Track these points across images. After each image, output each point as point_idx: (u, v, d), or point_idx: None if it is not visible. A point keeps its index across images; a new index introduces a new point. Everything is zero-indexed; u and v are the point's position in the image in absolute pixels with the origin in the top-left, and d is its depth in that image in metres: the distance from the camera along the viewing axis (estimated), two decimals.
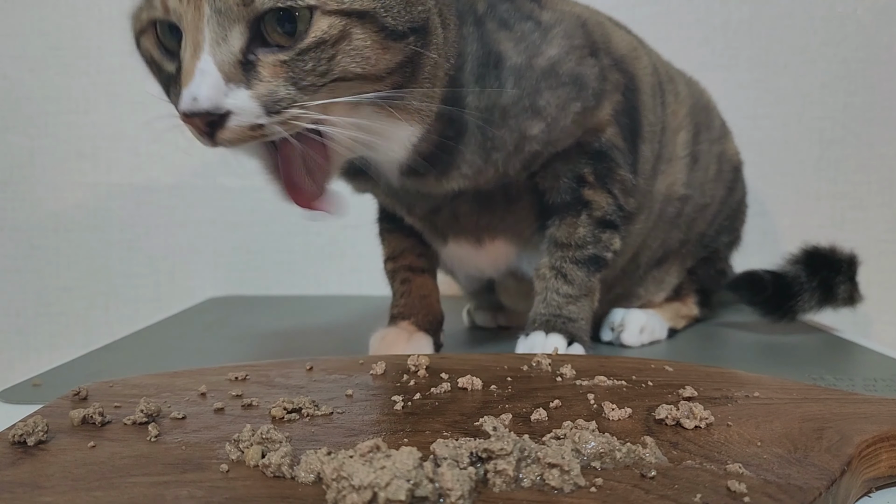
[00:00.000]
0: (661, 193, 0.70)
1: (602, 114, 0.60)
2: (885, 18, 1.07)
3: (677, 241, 0.77)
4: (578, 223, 0.61)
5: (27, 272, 1.13)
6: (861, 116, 1.08)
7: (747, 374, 0.50)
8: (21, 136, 1.11)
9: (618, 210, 0.62)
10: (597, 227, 0.61)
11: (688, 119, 0.72)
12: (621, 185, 0.62)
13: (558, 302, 0.61)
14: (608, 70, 0.60)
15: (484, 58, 0.54)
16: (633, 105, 0.63)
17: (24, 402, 0.53)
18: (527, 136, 0.56)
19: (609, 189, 0.62)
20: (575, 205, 0.61)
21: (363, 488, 0.28)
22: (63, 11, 1.09)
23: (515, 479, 0.31)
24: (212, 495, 0.31)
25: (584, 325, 0.62)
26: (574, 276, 0.61)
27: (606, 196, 0.61)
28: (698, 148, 0.74)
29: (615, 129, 0.61)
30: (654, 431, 0.38)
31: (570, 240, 0.61)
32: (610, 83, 0.60)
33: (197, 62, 0.41)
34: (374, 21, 0.44)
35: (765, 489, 0.30)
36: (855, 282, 0.79)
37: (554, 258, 0.61)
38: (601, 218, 0.61)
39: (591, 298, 0.63)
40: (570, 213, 0.61)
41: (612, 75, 0.61)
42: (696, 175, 0.74)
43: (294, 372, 0.52)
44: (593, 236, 0.61)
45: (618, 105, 0.61)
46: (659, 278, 0.78)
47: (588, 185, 0.61)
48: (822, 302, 0.77)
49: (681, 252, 0.78)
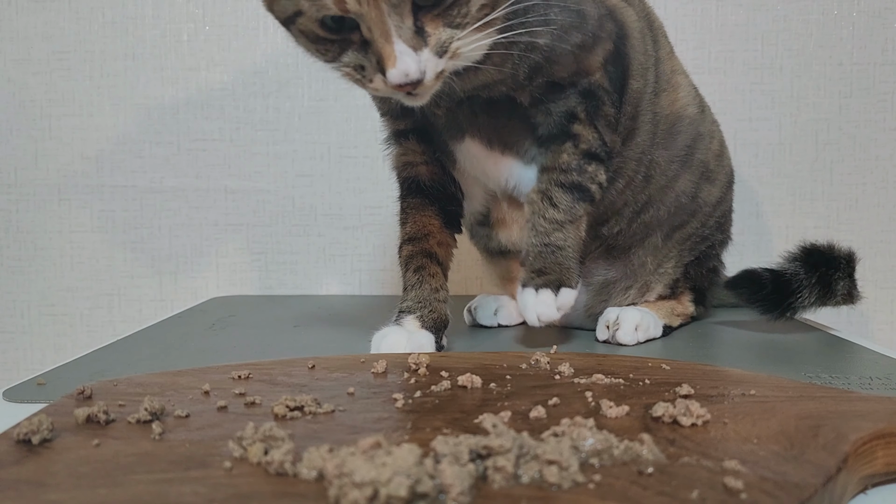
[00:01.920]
0: (666, 109, 0.74)
1: (594, 58, 0.65)
2: (880, 21, 1.07)
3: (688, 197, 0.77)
4: (563, 150, 0.65)
5: (32, 273, 1.13)
6: (856, 118, 1.09)
7: (744, 372, 0.50)
8: (25, 139, 1.12)
9: (602, 145, 0.66)
10: (582, 158, 0.65)
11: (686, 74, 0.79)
12: (605, 121, 0.66)
13: (545, 228, 0.65)
14: (605, 18, 0.66)
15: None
16: (623, 52, 0.68)
17: (28, 401, 0.53)
18: (535, 43, 0.61)
19: (594, 124, 0.66)
20: (561, 136, 0.65)
21: (364, 485, 0.28)
22: (67, 15, 1.10)
23: (514, 475, 0.31)
24: (215, 492, 0.31)
25: (570, 253, 0.65)
26: (559, 200, 0.65)
27: (592, 131, 0.65)
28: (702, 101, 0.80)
29: (602, 73, 0.66)
30: (652, 429, 0.38)
31: (555, 163, 0.65)
32: (605, 31, 0.66)
33: (394, 46, 0.52)
34: None
35: (761, 486, 0.31)
36: (853, 279, 0.79)
37: (541, 182, 0.66)
38: (587, 150, 0.65)
39: (578, 228, 0.66)
40: (556, 142, 0.66)
41: (607, 24, 0.66)
42: (705, 113, 0.79)
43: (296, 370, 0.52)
44: (578, 165, 0.65)
45: (608, 54, 0.66)
46: (661, 255, 0.78)
47: (578, 120, 0.65)
48: (820, 299, 0.77)
49: (686, 227, 0.79)
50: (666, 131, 0.75)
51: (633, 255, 0.77)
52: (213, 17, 1.10)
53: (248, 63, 1.11)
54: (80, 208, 1.12)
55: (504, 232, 0.76)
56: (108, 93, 1.11)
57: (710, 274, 0.84)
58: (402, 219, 0.71)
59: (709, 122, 0.81)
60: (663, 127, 0.74)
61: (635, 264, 0.78)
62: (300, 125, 1.12)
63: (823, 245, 0.79)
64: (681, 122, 0.76)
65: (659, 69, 0.74)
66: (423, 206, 0.71)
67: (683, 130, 0.76)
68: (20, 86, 1.11)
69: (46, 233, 1.13)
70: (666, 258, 0.79)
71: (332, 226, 1.13)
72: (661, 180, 0.75)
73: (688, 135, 0.76)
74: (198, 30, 1.10)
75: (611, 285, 0.78)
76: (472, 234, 0.82)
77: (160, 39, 1.10)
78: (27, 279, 1.13)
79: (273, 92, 1.11)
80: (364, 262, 1.14)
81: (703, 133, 0.78)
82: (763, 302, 0.76)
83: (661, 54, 0.75)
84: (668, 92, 0.75)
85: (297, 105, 1.11)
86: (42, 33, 1.10)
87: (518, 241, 0.75)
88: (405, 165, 0.72)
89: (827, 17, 1.07)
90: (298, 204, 1.13)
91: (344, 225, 1.13)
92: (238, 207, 1.12)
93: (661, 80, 0.74)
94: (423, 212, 0.70)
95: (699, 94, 0.81)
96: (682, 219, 0.78)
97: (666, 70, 0.76)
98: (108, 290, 1.13)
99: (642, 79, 0.71)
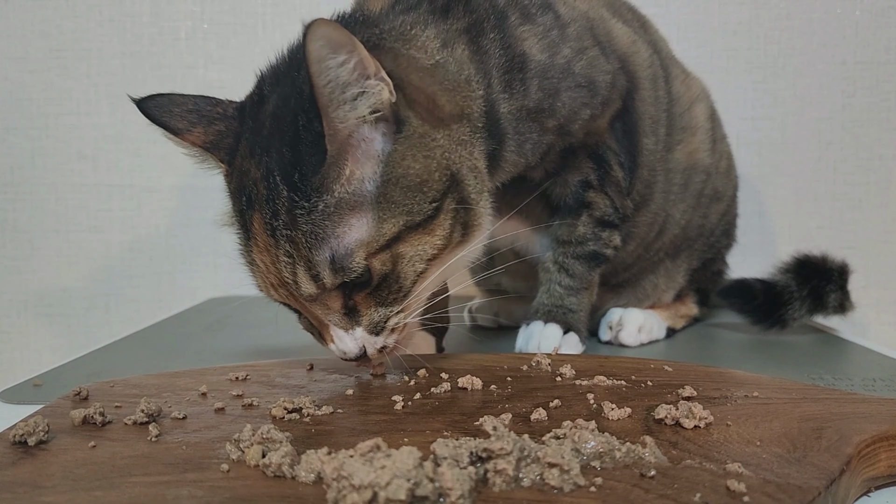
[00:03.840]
0: (682, 163, 0.73)
1: (602, 121, 0.64)
2: (883, 20, 1.07)
3: (697, 228, 0.78)
4: (579, 223, 0.65)
5: (28, 273, 1.13)
6: (859, 117, 1.08)
7: (746, 374, 0.50)
8: (22, 138, 1.11)
9: (615, 211, 0.66)
10: (597, 226, 0.66)
11: (704, 96, 0.77)
12: (615, 187, 0.65)
13: (560, 293, 0.66)
14: (617, 75, 0.63)
15: (508, 63, 0.56)
16: (631, 107, 0.66)
17: (25, 403, 0.53)
18: (545, 128, 0.60)
19: (605, 191, 0.65)
20: (577, 207, 0.65)
21: (363, 488, 0.28)
22: (64, 13, 1.09)
23: (515, 478, 0.31)
24: (212, 495, 0.31)
25: (581, 316, 0.66)
26: (575, 270, 0.66)
27: (604, 197, 0.65)
28: (715, 130, 0.78)
29: (610, 133, 0.65)
30: (654, 431, 0.38)
31: (571, 237, 0.66)
32: (616, 91, 0.64)
33: (329, 328, 0.49)
34: (412, 228, 0.48)
35: (764, 488, 0.30)
36: (846, 290, 0.80)
37: (557, 254, 0.66)
38: (600, 218, 0.65)
39: (590, 292, 0.67)
40: (571, 214, 0.66)
41: (619, 80, 0.64)
42: (716, 150, 0.77)
43: (294, 372, 0.52)
44: (593, 234, 0.65)
45: (615, 112, 0.65)
46: (671, 274, 0.79)
47: (592, 188, 0.65)
48: (812, 310, 0.77)
49: (694, 247, 0.79)
50: (681, 185, 0.74)
51: (645, 282, 0.78)
52: (211, 14, 1.10)
53: (246, 61, 1.10)
54: (77, 208, 1.12)
55: (508, 279, 0.76)
56: (105, 91, 1.10)
57: (715, 276, 0.84)
58: None
59: (719, 145, 0.79)
60: (678, 182, 0.73)
61: (647, 288, 0.78)
62: None
63: (817, 256, 0.79)
64: (695, 174, 0.75)
65: (672, 113, 0.72)
66: None
67: (697, 179, 0.75)
68: (17, 84, 1.10)
69: (43, 232, 1.12)
70: (676, 273, 0.79)
71: None
72: (675, 230, 0.76)
73: (700, 181, 0.76)
74: (196, 27, 1.10)
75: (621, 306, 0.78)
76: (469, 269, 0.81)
77: (158, 37, 1.10)
78: (24, 279, 1.13)
79: None
80: None
81: (713, 166, 0.77)
82: (754, 312, 0.77)
83: (675, 91, 0.73)
84: (683, 143, 0.73)
85: None
86: (39, 31, 1.09)
87: (521, 289, 0.75)
88: None
89: (830, 15, 1.07)
90: None
91: None
92: None
93: (676, 128, 0.72)
94: None
95: (714, 114, 0.78)
96: (690, 242, 0.79)
97: (682, 108, 0.73)
98: (105, 291, 1.13)
99: (654, 135, 0.69)
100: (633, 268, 0.76)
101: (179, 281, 1.13)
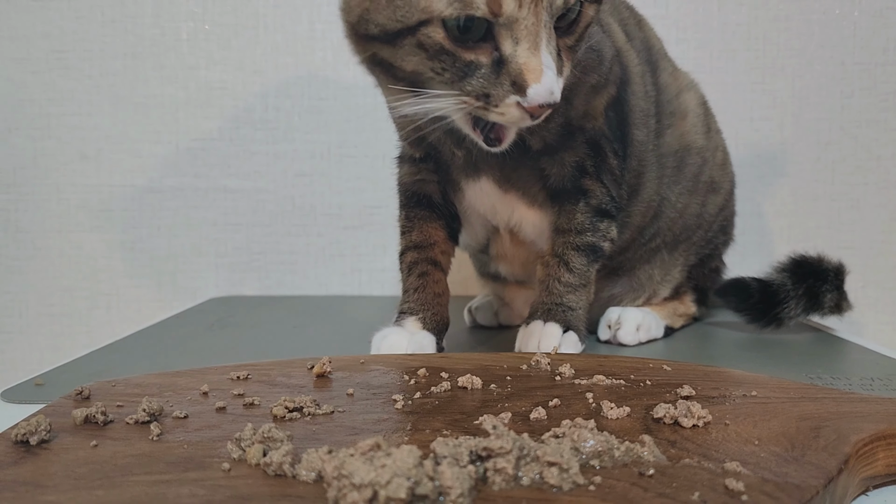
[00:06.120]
0: (673, 146, 0.74)
1: (599, 101, 0.65)
2: (882, 21, 1.07)
3: (694, 217, 0.78)
4: (577, 210, 0.66)
5: (30, 272, 1.13)
6: (858, 118, 1.08)
7: (745, 374, 0.50)
8: (24, 138, 1.11)
9: (611, 199, 0.67)
10: (594, 215, 0.66)
11: (693, 86, 0.79)
12: (611, 175, 0.66)
13: (559, 290, 0.66)
14: (614, 61, 0.66)
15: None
16: (624, 98, 0.68)
17: (26, 402, 0.53)
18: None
19: (601, 179, 0.66)
20: (574, 193, 0.66)
21: (364, 486, 0.28)
22: (66, 14, 1.10)
23: (515, 477, 0.31)
24: (213, 494, 0.31)
25: (580, 314, 0.66)
26: (574, 264, 0.66)
27: (601, 186, 0.66)
28: (708, 118, 0.79)
29: (604, 119, 0.66)
30: (653, 430, 0.38)
31: (570, 225, 0.66)
32: (613, 74, 0.66)
33: (541, 60, 0.47)
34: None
35: (762, 487, 0.31)
36: (843, 291, 0.80)
37: (556, 244, 0.67)
38: (597, 206, 0.66)
39: (589, 290, 0.68)
40: (569, 200, 0.66)
41: (615, 67, 0.66)
42: (710, 137, 0.78)
43: (295, 371, 0.52)
44: (591, 224, 0.66)
45: (611, 99, 0.66)
46: (668, 266, 0.79)
47: (587, 175, 0.66)
48: (807, 310, 0.78)
49: (692, 239, 0.80)
50: (674, 168, 0.75)
51: (640, 271, 0.78)
52: (212, 15, 1.10)
53: (247, 62, 1.10)
54: (79, 208, 1.12)
55: (505, 265, 0.76)
56: (107, 92, 1.10)
57: (713, 274, 0.85)
58: (406, 226, 0.71)
59: (714, 135, 0.80)
60: (671, 164, 0.74)
61: (642, 279, 0.79)
62: (300, 124, 1.12)
63: (813, 257, 0.80)
64: (689, 155, 0.76)
65: (661, 101, 0.73)
66: (430, 218, 0.70)
67: (691, 161, 0.76)
68: (19, 85, 1.11)
69: (45, 232, 1.12)
70: (672, 266, 0.80)
71: (331, 225, 1.13)
72: (671, 213, 0.76)
73: (695, 164, 0.77)
74: (197, 28, 1.10)
75: (617, 298, 0.79)
76: (470, 255, 0.83)
77: (160, 38, 1.10)
78: (26, 279, 1.13)
79: (273, 91, 1.11)
80: (364, 262, 1.14)
81: (709, 151, 0.78)
82: (750, 311, 0.77)
83: (662, 81, 0.74)
84: (673, 126, 0.74)
85: (296, 104, 1.11)
86: (41, 32, 1.10)
87: (518, 275, 0.76)
88: (417, 182, 0.71)
89: (828, 16, 1.07)
90: (298, 203, 1.13)
91: (344, 225, 1.13)
92: (237, 207, 1.12)
93: (664, 113, 0.74)
94: (430, 223, 0.70)
95: (705, 103, 0.80)
96: (688, 233, 0.79)
97: (670, 95, 0.75)
98: (106, 291, 1.13)
99: (645, 127, 0.71)
100: (627, 251, 0.76)
101: (181, 281, 1.13)
